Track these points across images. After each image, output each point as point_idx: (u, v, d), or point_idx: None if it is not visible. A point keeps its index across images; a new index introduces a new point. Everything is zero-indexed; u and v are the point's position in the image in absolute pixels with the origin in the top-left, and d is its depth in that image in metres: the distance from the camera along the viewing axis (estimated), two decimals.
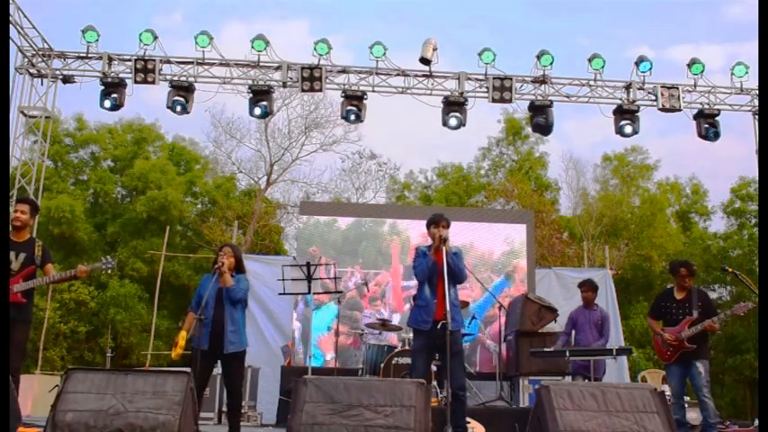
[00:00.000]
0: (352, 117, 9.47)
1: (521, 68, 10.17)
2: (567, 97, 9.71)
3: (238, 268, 5.67)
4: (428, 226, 5.41)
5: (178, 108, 9.16)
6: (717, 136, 9.53)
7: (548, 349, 7.34)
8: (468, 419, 5.43)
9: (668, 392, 6.28)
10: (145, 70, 9.02)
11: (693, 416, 7.23)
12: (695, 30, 39.96)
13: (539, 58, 9.39)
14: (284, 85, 9.71)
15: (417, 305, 5.34)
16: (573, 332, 7.61)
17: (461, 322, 5.46)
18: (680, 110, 9.45)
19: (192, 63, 9.32)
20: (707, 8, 40.37)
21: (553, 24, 37.13)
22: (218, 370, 5.93)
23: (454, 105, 9.43)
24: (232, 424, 5.50)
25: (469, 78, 9.55)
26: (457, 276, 5.23)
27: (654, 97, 9.49)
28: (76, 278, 5.62)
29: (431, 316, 5.19)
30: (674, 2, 37.62)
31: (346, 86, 9.45)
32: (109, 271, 5.76)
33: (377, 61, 9.33)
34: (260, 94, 9.32)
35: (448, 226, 5.34)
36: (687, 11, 38.85)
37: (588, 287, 7.68)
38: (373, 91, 9.52)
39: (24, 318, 5.41)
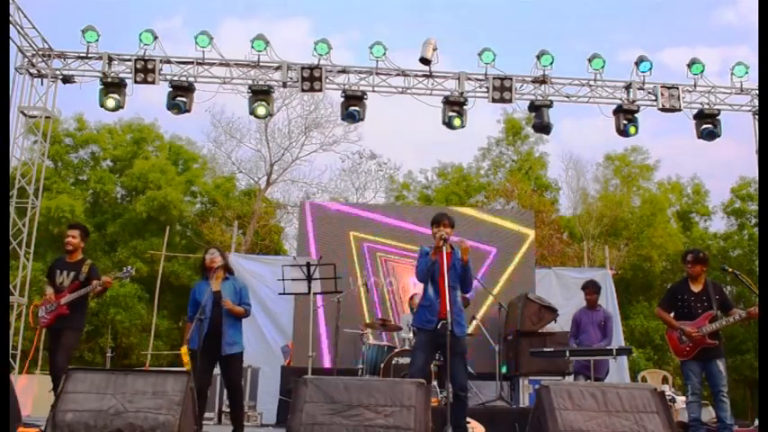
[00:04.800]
0: (352, 117, 9.46)
1: (521, 68, 10.11)
2: (567, 97, 9.69)
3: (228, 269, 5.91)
4: (431, 225, 5.42)
5: (177, 108, 9.14)
6: (716, 136, 9.52)
7: (548, 349, 7.34)
8: (468, 419, 5.43)
9: (669, 392, 6.24)
10: (145, 70, 9.00)
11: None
12: (689, 33, 40.01)
13: (539, 58, 9.38)
14: (284, 85, 9.69)
15: (422, 305, 5.36)
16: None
17: (465, 326, 5.46)
18: (680, 110, 9.43)
19: (192, 63, 9.30)
20: (701, 12, 40.40)
21: (548, 26, 37.12)
22: (217, 370, 5.98)
23: (454, 105, 9.41)
24: (237, 422, 5.63)
25: (469, 78, 9.53)
26: (466, 287, 5.38)
27: (654, 97, 9.47)
28: (105, 289, 6.23)
29: (435, 315, 5.20)
30: (667, 5, 37.65)
31: (346, 86, 9.43)
32: (128, 278, 6.46)
33: (377, 61, 9.31)
34: (260, 94, 9.30)
35: (450, 225, 5.34)
36: (681, 15, 38.89)
37: (591, 290, 7.66)
38: (373, 91, 9.50)
39: (71, 325, 6.05)
